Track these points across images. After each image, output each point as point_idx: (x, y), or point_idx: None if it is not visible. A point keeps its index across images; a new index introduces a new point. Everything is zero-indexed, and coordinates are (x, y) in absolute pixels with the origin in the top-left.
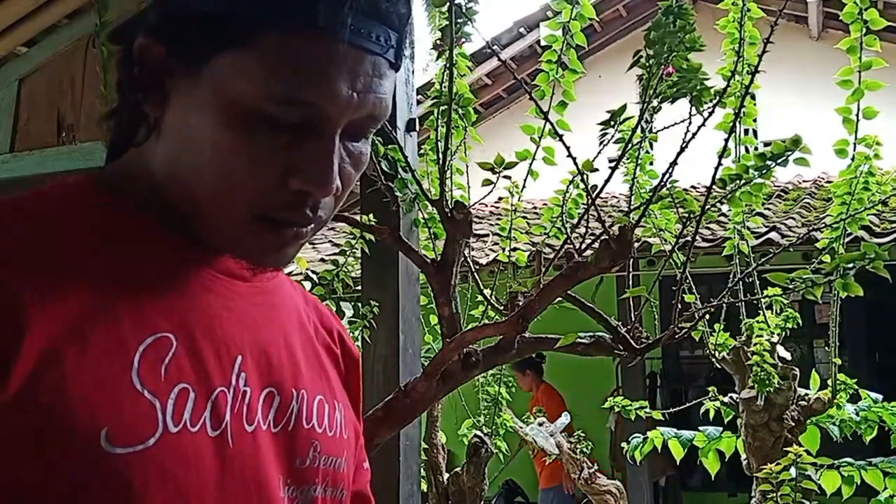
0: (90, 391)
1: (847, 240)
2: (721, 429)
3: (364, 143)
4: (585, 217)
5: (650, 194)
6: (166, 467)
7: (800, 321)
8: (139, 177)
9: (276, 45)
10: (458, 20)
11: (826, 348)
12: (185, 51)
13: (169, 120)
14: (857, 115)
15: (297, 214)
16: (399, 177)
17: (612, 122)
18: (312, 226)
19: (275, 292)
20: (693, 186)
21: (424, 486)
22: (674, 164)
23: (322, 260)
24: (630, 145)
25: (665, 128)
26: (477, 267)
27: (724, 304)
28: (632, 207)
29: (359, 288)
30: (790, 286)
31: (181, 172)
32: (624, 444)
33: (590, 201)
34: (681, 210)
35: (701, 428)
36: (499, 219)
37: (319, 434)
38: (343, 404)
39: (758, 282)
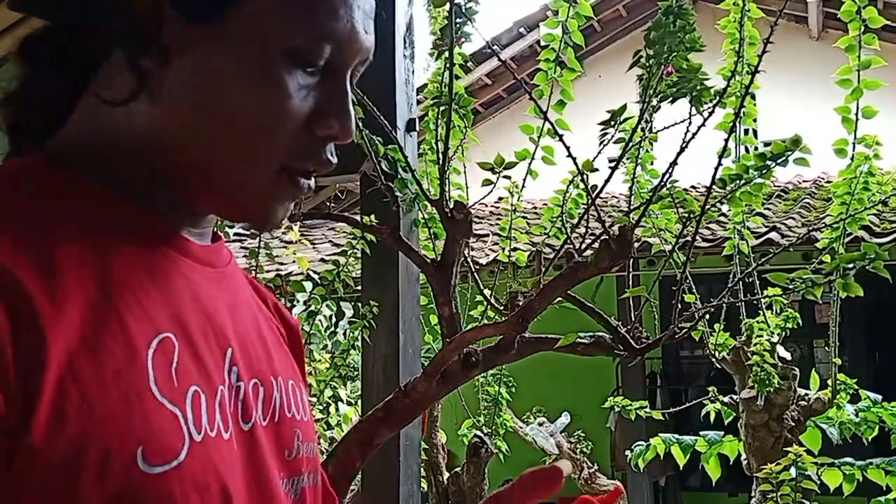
0: (116, 408)
1: (847, 240)
2: (722, 433)
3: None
4: (585, 217)
5: (650, 194)
6: (199, 480)
7: (800, 321)
8: (103, 146)
9: None
10: (458, 20)
11: (826, 348)
12: (196, 3)
13: (175, 80)
14: (857, 114)
15: (319, 160)
16: (399, 177)
17: (613, 122)
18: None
19: (234, 276)
20: (693, 186)
21: (424, 486)
22: (674, 164)
23: (322, 260)
24: (630, 145)
25: (665, 128)
26: (477, 267)
27: (724, 304)
28: (632, 207)
29: (359, 288)
30: (790, 286)
31: (194, 136)
32: (628, 453)
33: (590, 201)
34: (681, 210)
35: (702, 432)
36: (499, 219)
37: (299, 421)
38: (304, 384)
39: (758, 282)
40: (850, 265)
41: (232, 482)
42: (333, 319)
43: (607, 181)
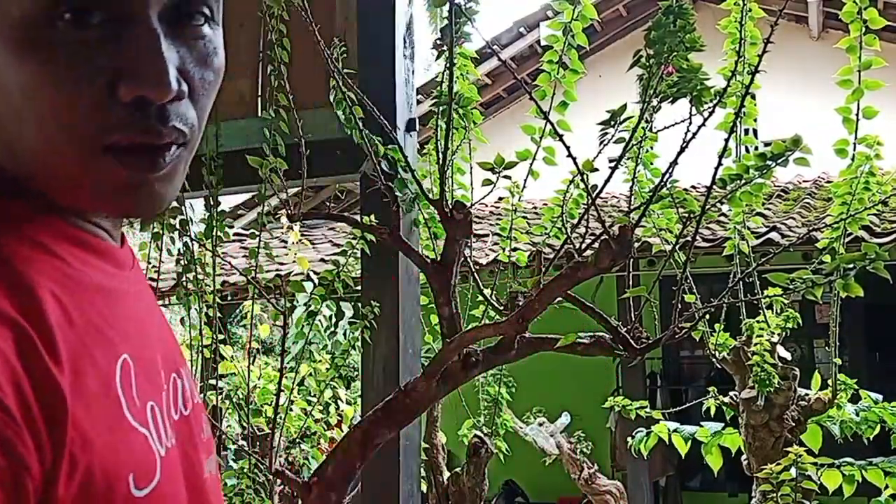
0: (107, 441)
1: (847, 240)
2: (723, 424)
3: (207, 29)
4: (585, 217)
5: (650, 194)
6: (167, 492)
7: (800, 321)
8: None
9: None
10: (458, 20)
11: (826, 348)
12: None
13: None
14: (857, 114)
15: (145, 128)
16: (399, 177)
17: (612, 122)
18: (173, 145)
19: (139, 270)
20: (693, 186)
21: (424, 486)
22: (674, 163)
23: (322, 260)
24: (630, 145)
25: (665, 128)
26: (477, 267)
27: (724, 304)
28: (632, 207)
29: (359, 288)
30: (790, 286)
31: (8, 139)
32: (629, 440)
33: (590, 201)
34: (681, 210)
35: (703, 423)
36: (499, 219)
37: (197, 403)
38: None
39: (758, 282)
40: (851, 265)
41: (182, 486)
42: (333, 320)
43: (607, 181)
